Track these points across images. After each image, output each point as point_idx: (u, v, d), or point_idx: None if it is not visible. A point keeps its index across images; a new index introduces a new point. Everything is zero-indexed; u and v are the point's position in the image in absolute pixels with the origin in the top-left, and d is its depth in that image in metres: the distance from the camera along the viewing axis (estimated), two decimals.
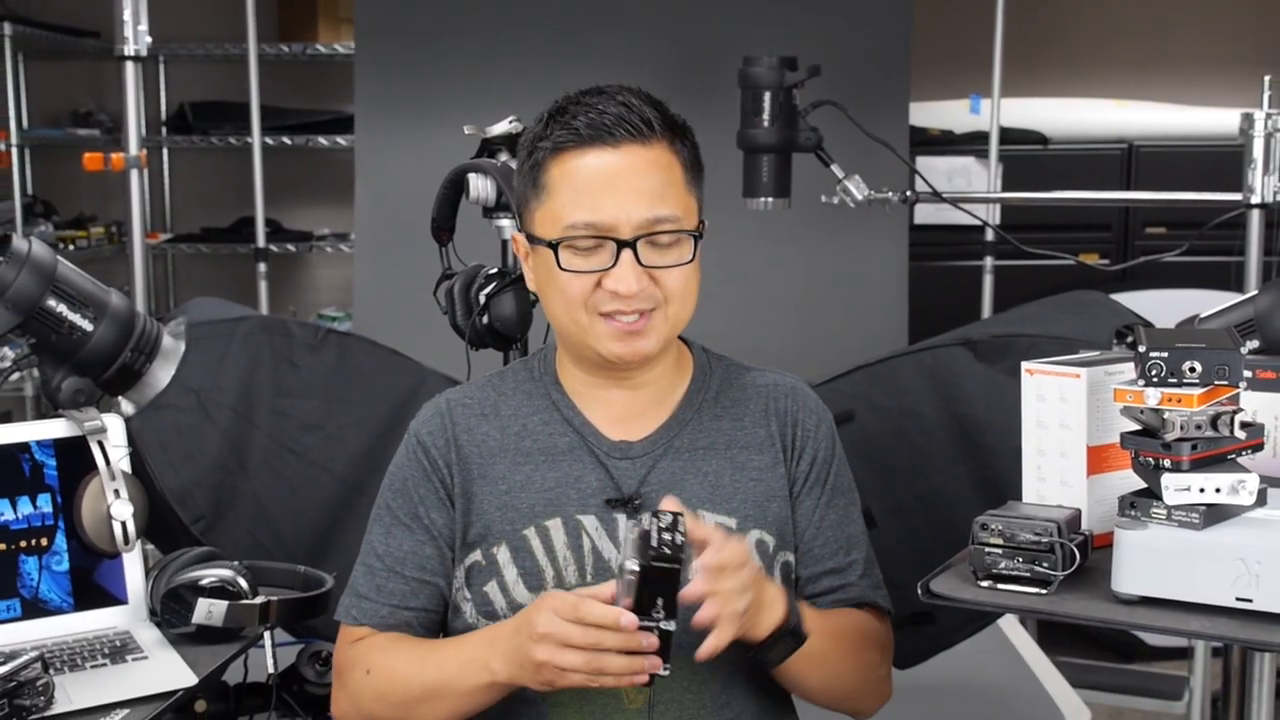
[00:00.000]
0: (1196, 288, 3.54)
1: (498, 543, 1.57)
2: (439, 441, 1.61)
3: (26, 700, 1.48)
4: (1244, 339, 1.79)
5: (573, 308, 1.53)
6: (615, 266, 1.50)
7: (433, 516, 1.59)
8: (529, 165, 1.56)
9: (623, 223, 1.50)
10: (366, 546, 1.63)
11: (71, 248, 4.73)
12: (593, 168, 1.52)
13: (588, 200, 1.51)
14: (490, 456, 1.60)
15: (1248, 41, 4.98)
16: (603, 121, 1.51)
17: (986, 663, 2.54)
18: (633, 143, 1.52)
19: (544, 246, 1.53)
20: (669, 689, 1.53)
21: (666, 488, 1.57)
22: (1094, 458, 1.53)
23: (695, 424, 1.62)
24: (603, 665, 1.35)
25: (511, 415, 1.62)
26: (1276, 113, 2.52)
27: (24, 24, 4.56)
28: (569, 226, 1.51)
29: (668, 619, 1.33)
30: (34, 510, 1.78)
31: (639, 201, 1.51)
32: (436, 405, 1.65)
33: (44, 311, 1.85)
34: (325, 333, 2.12)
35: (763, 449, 1.63)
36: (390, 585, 1.59)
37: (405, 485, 1.61)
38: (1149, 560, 1.36)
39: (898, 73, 3.95)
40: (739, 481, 1.60)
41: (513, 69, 3.77)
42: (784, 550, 1.62)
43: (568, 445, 1.60)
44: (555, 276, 1.53)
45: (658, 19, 3.91)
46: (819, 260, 3.90)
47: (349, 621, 1.62)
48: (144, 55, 2.66)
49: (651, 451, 1.60)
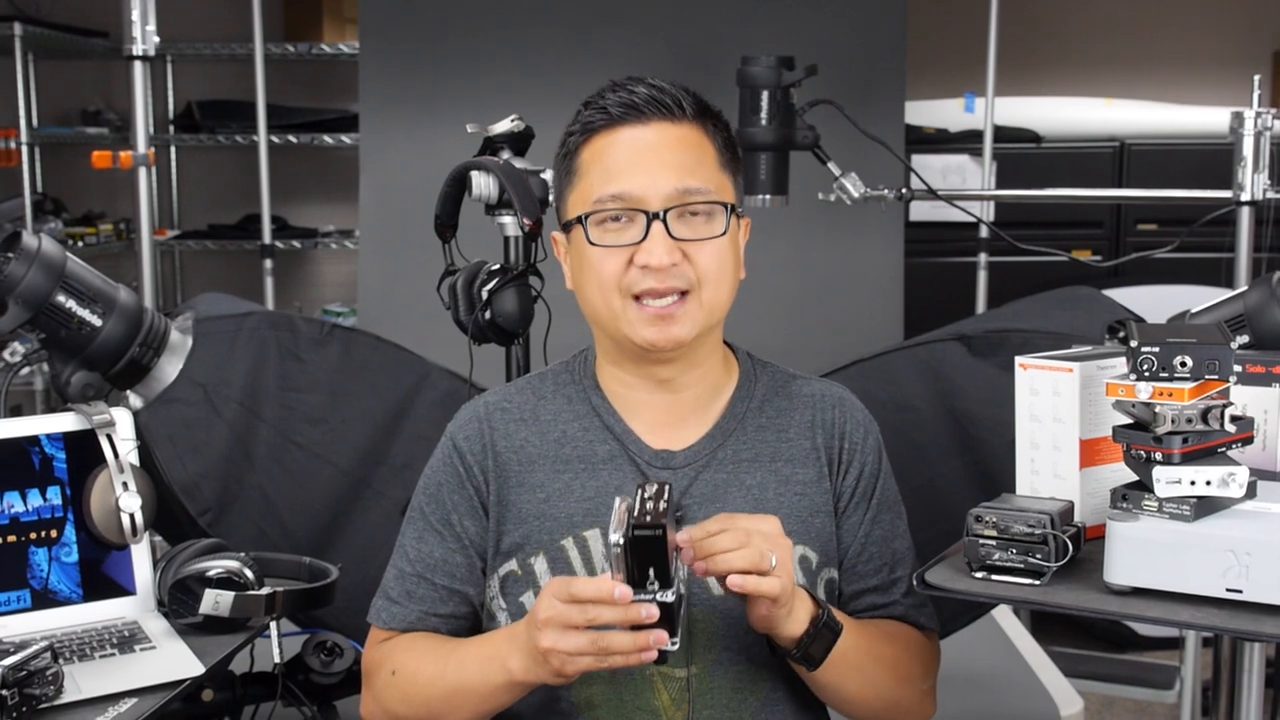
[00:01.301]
0: (1187, 284, 3.55)
1: (535, 553, 1.54)
2: (475, 447, 1.58)
3: (36, 689, 1.48)
4: (1234, 334, 1.80)
5: (606, 290, 1.49)
6: (645, 239, 1.47)
7: (465, 524, 1.57)
8: (562, 155, 1.55)
9: (651, 194, 1.48)
10: (399, 548, 1.61)
11: (80, 244, 4.75)
12: (622, 143, 1.50)
13: (616, 173, 1.49)
14: (529, 463, 1.56)
15: (1237, 41, 4.99)
16: (633, 100, 1.50)
17: (981, 653, 2.53)
18: (663, 120, 1.51)
19: (575, 226, 1.51)
20: (709, 707, 1.50)
21: (709, 500, 1.54)
22: (1086, 451, 1.54)
23: (739, 434, 1.58)
24: (607, 644, 1.31)
25: (551, 420, 1.59)
26: (1266, 111, 2.54)
27: (34, 24, 4.57)
28: (597, 200, 1.49)
29: (663, 589, 1.29)
30: (44, 502, 1.78)
31: (667, 174, 1.48)
32: (474, 409, 1.62)
33: (54, 307, 1.85)
34: (330, 328, 2.12)
35: (807, 462, 1.59)
36: (420, 591, 1.57)
37: (440, 491, 1.59)
38: (1140, 552, 1.36)
39: (893, 72, 3.96)
40: (783, 495, 1.56)
41: (514, 69, 3.78)
42: (828, 567, 1.58)
43: (608, 454, 1.56)
44: (587, 258, 1.50)
45: (658, 20, 3.93)
46: (816, 256, 3.91)
47: (378, 624, 1.60)
48: (152, 55, 2.68)
49: (694, 462, 1.55)
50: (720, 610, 1.51)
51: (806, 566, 1.56)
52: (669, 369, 1.56)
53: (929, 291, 4.08)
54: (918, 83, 4.27)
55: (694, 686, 1.50)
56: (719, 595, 1.49)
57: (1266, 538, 1.32)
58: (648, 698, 1.49)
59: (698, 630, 1.51)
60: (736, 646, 1.51)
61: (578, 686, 1.50)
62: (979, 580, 1.43)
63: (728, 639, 1.51)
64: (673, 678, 1.50)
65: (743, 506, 1.54)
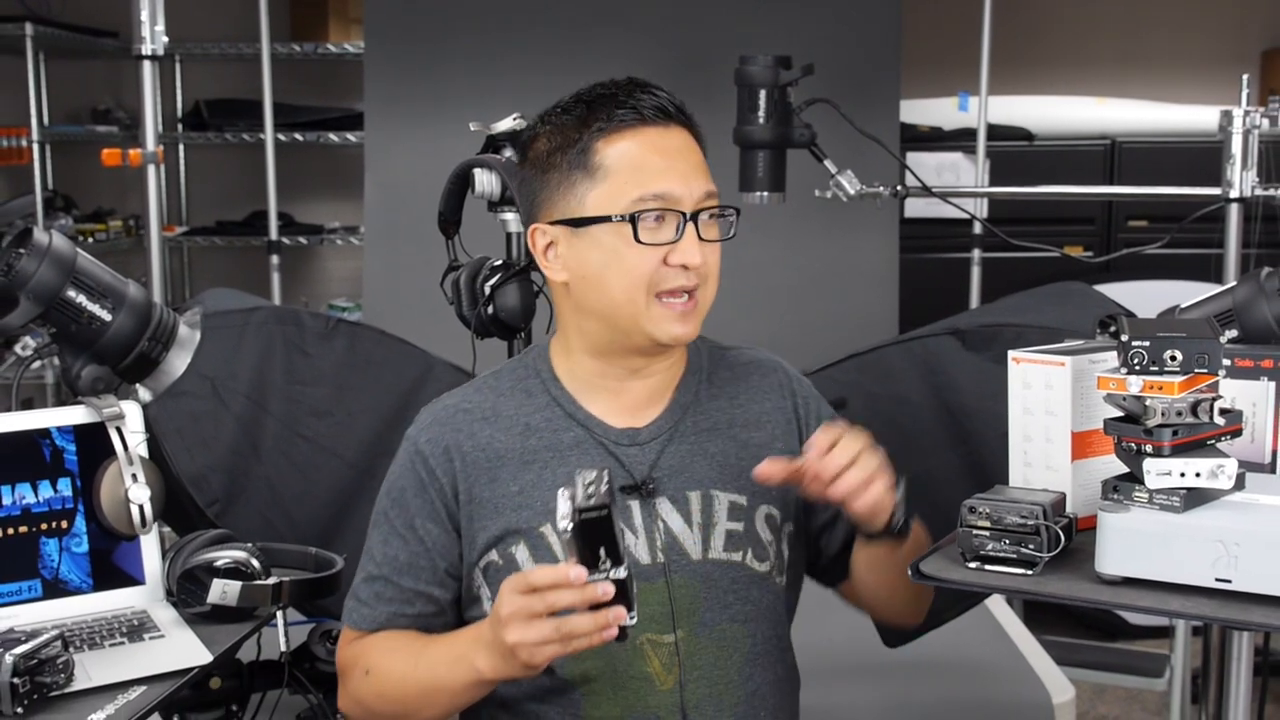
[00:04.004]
0: (1177, 279, 3.56)
1: (515, 542, 1.56)
2: (437, 451, 1.59)
3: (47, 678, 1.49)
4: (1223, 328, 1.80)
5: (635, 288, 1.51)
6: (682, 239, 1.50)
7: (428, 527, 1.58)
8: (575, 150, 1.53)
9: (685, 196, 1.51)
10: (366, 551, 1.63)
11: (91, 240, 4.76)
12: (652, 144, 1.52)
13: (655, 174, 1.51)
14: (497, 460, 1.58)
15: (1225, 41, 5.01)
16: (657, 102, 1.53)
17: (974, 641, 2.55)
18: (679, 125, 1.55)
19: (606, 224, 1.51)
20: (697, 667, 1.54)
21: (677, 471, 1.58)
22: (1078, 443, 1.54)
23: (695, 407, 1.63)
24: (570, 628, 1.33)
25: (513, 415, 1.60)
26: (1254, 110, 2.55)
27: (45, 24, 4.58)
28: (639, 200, 1.50)
29: (615, 566, 1.33)
30: (54, 494, 1.79)
31: (698, 176, 1.53)
32: (435, 413, 1.63)
33: (64, 302, 1.85)
34: (335, 322, 2.12)
35: (759, 425, 1.64)
36: (388, 593, 1.59)
37: (403, 495, 1.60)
38: (1131, 542, 1.37)
39: (888, 71, 3.97)
40: (744, 460, 1.59)
41: (516, 68, 3.79)
42: (788, 521, 1.64)
43: (574, 440, 1.58)
44: (622, 255, 1.51)
45: (658, 19, 3.94)
46: (812, 252, 3.92)
47: (349, 625, 1.62)
48: (161, 54, 2.68)
49: (659, 436, 1.60)
50: (700, 574, 1.56)
51: (772, 523, 1.62)
52: (655, 361, 1.60)
53: (923, 287, 4.08)
54: (912, 82, 4.28)
55: (682, 650, 1.54)
56: (695, 560, 1.55)
57: (1255, 528, 1.33)
58: (640, 666, 1.53)
59: (680, 596, 1.55)
60: (718, 606, 1.56)
61: (571, 664, 1.53)
62: (973, 570, 1.45)
63: (709, 601, 1.56)
64: (661, 644, 1.54)
65: (709, 474, 1.59)
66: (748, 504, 1.60)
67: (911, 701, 2.39)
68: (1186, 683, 3.20)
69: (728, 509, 1.59)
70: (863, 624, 1.94)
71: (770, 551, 1.61)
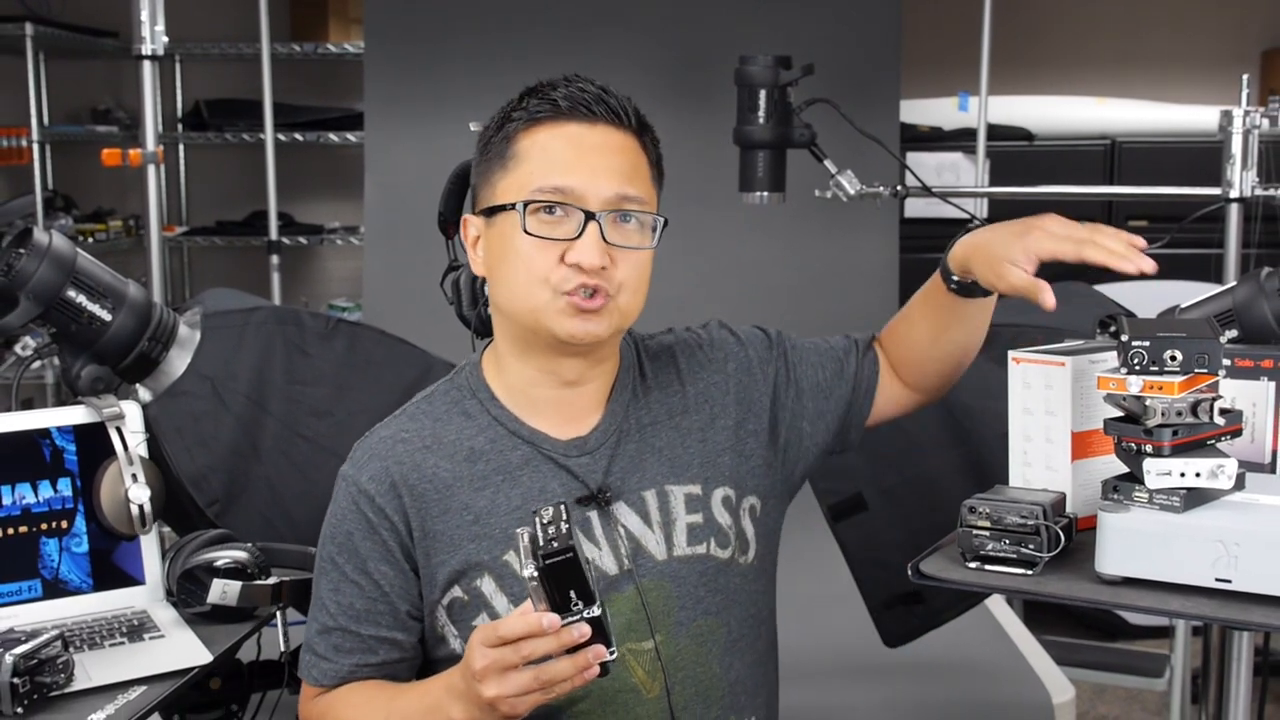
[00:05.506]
0: (1177, 279, 3.56)
1: (479, 575, 1.51)
2: (382, 488, 1.52)
3: (47, 677, 1.49)
4: (1223, 329, 1.77)
5: (533, 282, 1.47)
6: (580, 238, 1.46)
7: (383, 569, 1.52)
8: (499, 139, 1.52)
9: (591, 195, 1.47)
10: (317, 602, 1.56)
11: (91, 240, 4.77)
12: (567, 137, 1.49)
13: (559, 167, 1.48)
14: (446, 489, 1.52)
15: (1225, 41, 5.01)
16: (583, 97, 1.50)
17: (974, 641, 2.56)
18: (608, 124, 1.51)
19: (506, 212, 1.49)
20: (680, 668, 1.52)
21: (630, 471, 1.55)
22: (1078, 443, 1.54)
23: (634, 404, 1.59)
24: (550, 675, 1.29)
25: (455, 441, 1.55)
26: (1254, 110, 2.55)
27: (45, 24, 4.60)
28: (537, 190, 1.47)
29: (588, 606, 1.28)
30: (54, 494, 1.79)
31: (609, 178, 1.48)
32: (370, 448, 1.56)
33: (64, 302, 1.85)
34: (335, 322, 2.12)
35: (699, 407, 1.61)
36: (347, 644, 1.54)
37: (350, 540, 1.53)
38: (1131, 542, 1.37)
39: (888, 71, 3.98)
40: (689, 447, 1.59)
41: (516, 68, 3.71)
42: (746, 496, 1.61)
43: (522, 459, 1.54)
44: (516, 247, 1.47)
45: (658, 20, 3.94)
46: (813, 252, 3.92)
47: (309, 681, 1.56)
48: (161, 55, 2.69)
49: (607, 441, 1.56)
50: (668, 574, 1.54)
51: (729, 505, 1.59)
52: (575, 366, 1.55)
53: None
54: (912, 82, 4.28)
55: (663, 654, 1.52)
56: (661, 560, 1.53)
57: (1255, 528, 1.34)
58: (625, 678, 1.51)
59: (652, 600, 1.53)
60: (690, 603, 1.54)
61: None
62: (973, 570, 1.45)
63: (681, 599, 1.54)
64: (642, 651, 1.52)
65: (661, 469, 1.57)
66: (702, 492, 1.58)
67: (911, 701, 2.39)
68: (1186, 683, 3.20)
69: (684, 502, 1.57)
70: (863, 624, 1.94)
71: (731, 534, 1.59)
